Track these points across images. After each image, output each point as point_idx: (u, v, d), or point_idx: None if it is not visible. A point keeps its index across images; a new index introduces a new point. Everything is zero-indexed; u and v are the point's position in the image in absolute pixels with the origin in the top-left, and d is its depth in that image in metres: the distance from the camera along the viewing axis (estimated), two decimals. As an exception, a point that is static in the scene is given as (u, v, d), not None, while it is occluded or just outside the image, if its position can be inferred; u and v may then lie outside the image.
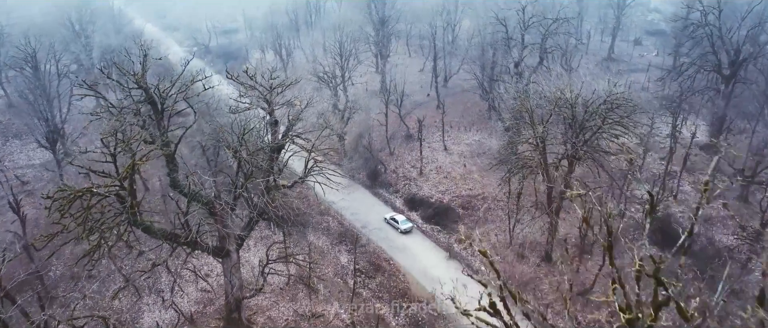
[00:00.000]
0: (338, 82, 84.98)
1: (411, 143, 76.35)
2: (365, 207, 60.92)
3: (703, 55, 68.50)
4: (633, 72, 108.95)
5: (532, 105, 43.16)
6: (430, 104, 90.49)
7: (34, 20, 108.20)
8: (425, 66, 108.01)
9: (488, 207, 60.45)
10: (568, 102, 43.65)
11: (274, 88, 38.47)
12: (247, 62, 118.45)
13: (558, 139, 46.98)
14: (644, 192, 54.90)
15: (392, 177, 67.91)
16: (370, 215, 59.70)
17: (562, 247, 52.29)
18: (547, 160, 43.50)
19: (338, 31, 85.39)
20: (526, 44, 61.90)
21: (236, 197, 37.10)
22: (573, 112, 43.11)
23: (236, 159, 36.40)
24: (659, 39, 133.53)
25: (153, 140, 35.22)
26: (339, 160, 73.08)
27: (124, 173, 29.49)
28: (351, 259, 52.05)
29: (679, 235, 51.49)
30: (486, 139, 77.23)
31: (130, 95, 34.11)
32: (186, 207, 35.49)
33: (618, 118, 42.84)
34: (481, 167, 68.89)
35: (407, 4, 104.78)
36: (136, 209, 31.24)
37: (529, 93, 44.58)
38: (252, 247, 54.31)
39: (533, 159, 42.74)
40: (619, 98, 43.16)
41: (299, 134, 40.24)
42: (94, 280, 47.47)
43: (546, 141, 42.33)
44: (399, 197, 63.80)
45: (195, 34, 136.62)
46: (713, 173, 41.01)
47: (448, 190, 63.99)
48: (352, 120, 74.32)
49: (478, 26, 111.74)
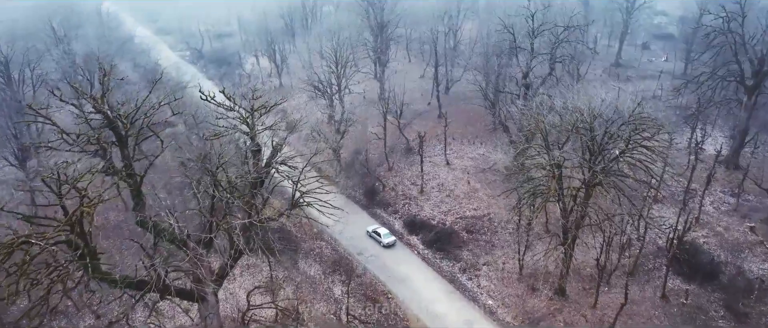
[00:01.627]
0: (334, 91, 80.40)
1: (411, 157, 71.74)
2: (362, 230, 56.23)
3: (724, 64, 63.85)
4: (642, 78, 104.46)
5: (546, 126, 38.53)
6: (431, 114, 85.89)
7: (17, 24, 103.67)
8: (426, 72, 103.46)
9: (495, 230, 55.81)
10: (586, 123, 39.04)
11: (256, 110, 33.73)
12: (241, 68, 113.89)
13: (574, 162, 42.37)
14: (667, 225, 50.31)
15: (391, 196, 63.24)
16: (367, 240, 55.07)
17: (578, 278, 47.74)
18: (562, 188, 38.88)
19: (334, 38, 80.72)
20: (536, 54, 57.22)
21: (211, 239, 32.43)
22: (592, 135, 38.49)
23: (210, 197, 31.67)
24: (668, 43, 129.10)
25: (114, 172, 30.63)
26: (334, 177, 68.44)
27: (70, 218, 24.83)
28: (346, 291, 47.45)
29: (705, 264, 46.76)
30: (491, 152, 72.52)
31: (87, 121, 29.41)
32: (152, 248, 30.89)
33: (643, 141, 38.20)
34: (486, 183, 64.28)
35: (407, 8, 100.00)
36: (92, 258, 26.58)
37: (542, 111, 39.92)
38: (238, 276, 49.65)
39: (548, 188, 38.10)
40: (645, 119, 38.54)
41: (285, 161, 35.47)
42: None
43: (563, 167, 37.68)
44: (398, 218, 59.12)
45: (188, 39, 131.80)
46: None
47: (451, 210, 59.33)
48: (348, 133, 69.69)
49: (481, 32, 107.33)
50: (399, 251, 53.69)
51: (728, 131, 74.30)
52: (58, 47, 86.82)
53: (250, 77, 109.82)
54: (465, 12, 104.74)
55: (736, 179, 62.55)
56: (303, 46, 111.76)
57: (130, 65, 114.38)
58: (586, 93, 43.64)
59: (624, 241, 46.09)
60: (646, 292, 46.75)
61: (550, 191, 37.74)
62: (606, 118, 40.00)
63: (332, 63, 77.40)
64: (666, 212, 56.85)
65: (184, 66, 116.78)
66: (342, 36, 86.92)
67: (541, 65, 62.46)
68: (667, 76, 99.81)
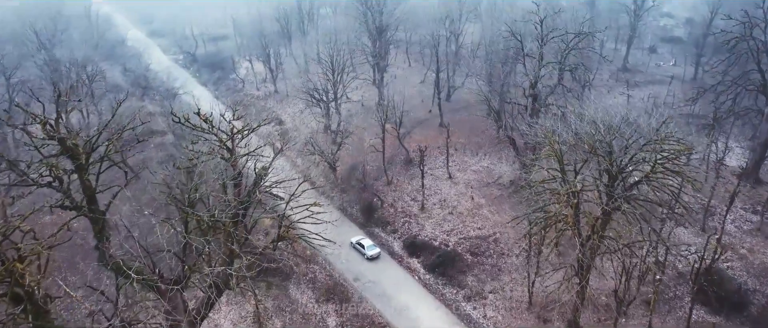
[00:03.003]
0: (331, 99, 76.52)
1: (411, 169, 67.88)
2: (359, 253, 52.37)
3: (744, 73, 60.00)
4: (651, 84, 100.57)
5: (560, 147, 34.69)
6: (432, 122, 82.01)
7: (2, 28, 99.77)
8: (426, 77, 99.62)
9: (501, 252, 51.97)
10: (604, 142, 35.19)
11: (236, 134, 29.89)
12: (235, 73, 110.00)
13: (587, 180, 38.49)
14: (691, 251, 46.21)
15: (390, 213, 59.38)
16: (364, 264, 51.24)
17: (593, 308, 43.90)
18: (579, 217, 35.00)
19: (330, 43, 76.85)
20: (546, 62, 53.26)
21: (186, 279, 28.60)
22: (611, 158, 34.65)
23: (184, 238, 27.75)
24: (675, 47, 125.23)
25: (73, 206, 26.83)
26: (329, 191, 64.64)
27: (6, 268, 21.03)
28: (340, 323, 43.67)
29: (732, 292, 42.69)
30: (495, 164, 68.74)
31: (37, 149, 25.56)
32: (118, 292, 27.09)
33: (671, 164, 34.34)
34: (491, 199, 60.44)
35: (407, 11, 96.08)
36: (36, 316, 22.75)
37: (556, 129, 36.07)
38: (223, 305, 45.78)
39: (564, 218, 34.21)
40: (672, 139, 34.71)
41: (270, 189, 31.61)
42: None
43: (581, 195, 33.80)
44: (397, 239, 55.24)
45: (182, 42, 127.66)
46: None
47: (454, 229, 55.47)
48: (345, 144, 65.89)
49: (484, 35, 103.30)
50: (398, 275, 49.81)
51: (744, 142, 70.49)
52: (40, 53, 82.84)
53: (244, 82, 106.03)
54: (467, 15, 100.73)
55: (757, 194, 58.74)
56: (299, 50, 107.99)
57: (120, 70, 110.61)
58: (600, 105, 39.73)
59: (643, 269, 42.21)
60: (668, 323, 42.98)
61: (566, 221, 33.87)
62: (626, 135, 36.21)
63: (328, 70, 73.45)
64: (683, 232, 52.98)
65: (176, 71, 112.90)
66: (339, 41, 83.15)
67: (548, 73, 58.53)
68: (677, 82, 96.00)
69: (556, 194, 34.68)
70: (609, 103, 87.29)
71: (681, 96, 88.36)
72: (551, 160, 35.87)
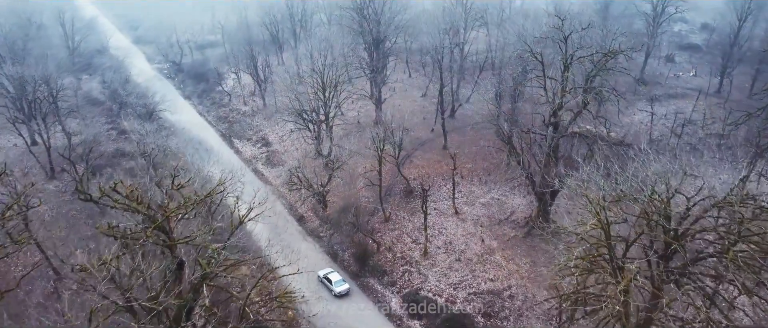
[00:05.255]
0: (322, 119, 68.63)
1: (411, 202, 59.99)
2: (353, 314, 44.29)
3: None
4: (672, 98, 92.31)
5: (607, 215, 26.70)
6: (436, 143, 74.14)
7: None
8: (428, 90, 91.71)
9: (519, 311, 44.01)
10: (660, 207, 27.28)
11: (172, 213, 21.93)
12: (220, 86, 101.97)
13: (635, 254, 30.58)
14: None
15: (387, 259, 51.39)
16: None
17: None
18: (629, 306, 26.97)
19: (322, 57, 68.94)
20: (571, 88, 45.23)
21: None
22: (670, 228, 26.77)
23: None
24: (694, 55, 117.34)
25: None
26: (319, 230, 56.77)
27: None
28: None
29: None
30: (507, 195, 60.88)
31: None
32: None
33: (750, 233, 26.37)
34: (504, 241, 52.54)
35: (408, 20, 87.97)
36: None
37: (601, 193, 28.12)
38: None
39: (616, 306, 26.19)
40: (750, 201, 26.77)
41: (223, 284, 23.64)
42: None
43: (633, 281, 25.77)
44: (396, 294, 47.15)
45: (167, 50, 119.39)
46: None
47: (462, 281, 47.51)
48: (335, 176, 58.01)
49: (491, 46, 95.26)
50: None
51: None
52: (3, 66, 74.93)
53: (230, 96, 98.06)
54: (473, 23, 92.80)
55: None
56: (291, 60, 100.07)
57: (98, 81, 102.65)
58: (652, 157, 31.82)
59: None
60: None
61: (615, 315, 25.92)
62: (686, 195, 28.35)
63: (319, 89, 65.50)
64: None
65: (158, 82, 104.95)
66: (333, 53, 75.31)
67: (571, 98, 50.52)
68: (701, 95, 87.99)
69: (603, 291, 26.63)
70: (634, 119, 78.96)
71: (708, 113, 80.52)
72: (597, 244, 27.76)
